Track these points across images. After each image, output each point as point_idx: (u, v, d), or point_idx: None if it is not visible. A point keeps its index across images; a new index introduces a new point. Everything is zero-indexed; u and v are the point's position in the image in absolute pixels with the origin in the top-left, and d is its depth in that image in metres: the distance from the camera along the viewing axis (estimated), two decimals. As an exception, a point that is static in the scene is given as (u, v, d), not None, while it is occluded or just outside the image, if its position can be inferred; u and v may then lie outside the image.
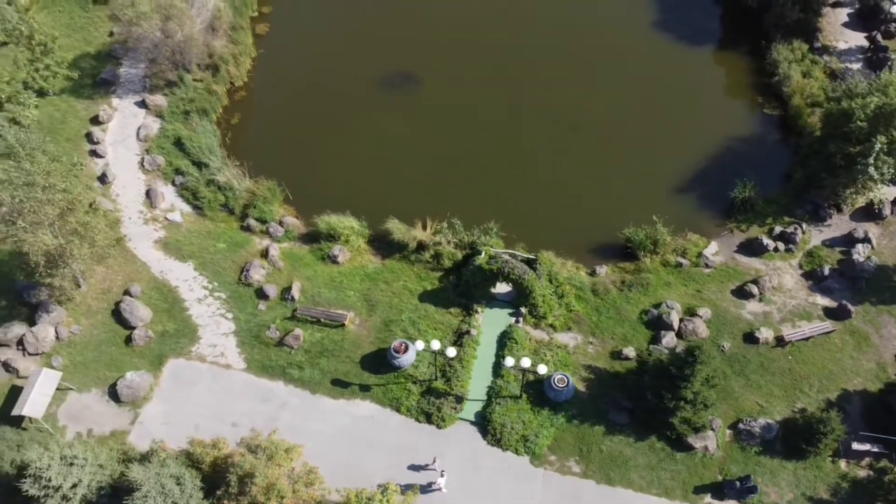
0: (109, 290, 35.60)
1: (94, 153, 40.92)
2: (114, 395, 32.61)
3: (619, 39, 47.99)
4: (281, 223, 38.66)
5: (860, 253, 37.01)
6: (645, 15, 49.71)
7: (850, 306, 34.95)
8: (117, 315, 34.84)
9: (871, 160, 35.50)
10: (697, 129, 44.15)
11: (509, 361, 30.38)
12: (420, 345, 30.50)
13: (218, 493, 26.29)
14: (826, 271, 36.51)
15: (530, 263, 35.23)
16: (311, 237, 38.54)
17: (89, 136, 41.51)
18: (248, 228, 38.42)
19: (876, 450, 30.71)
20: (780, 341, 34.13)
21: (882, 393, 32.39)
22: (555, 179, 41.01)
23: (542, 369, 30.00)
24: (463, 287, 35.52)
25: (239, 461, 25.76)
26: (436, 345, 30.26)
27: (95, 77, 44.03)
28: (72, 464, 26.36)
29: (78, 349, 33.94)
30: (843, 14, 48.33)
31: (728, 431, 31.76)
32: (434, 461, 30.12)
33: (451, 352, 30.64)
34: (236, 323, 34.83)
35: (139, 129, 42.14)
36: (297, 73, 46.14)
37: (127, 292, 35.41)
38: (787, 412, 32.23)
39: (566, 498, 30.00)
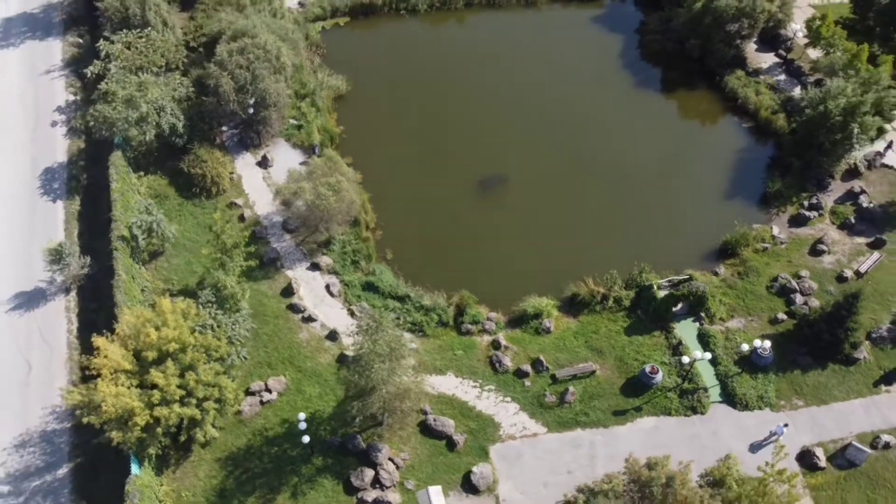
0: (406, 414, 42.92)
1: (307, 320, 47.49)
2: (470, 489, 40.38)
3: (624, 112, 62.32)
4: (489, 319, 48.05)
5: (864, 201, 54.03)
6: (621, 90, 64.69)
7: (882, 237, 51.54)
8: (426, 431, 42.48)
9: (855, 140, 52.67)
10: (706, 151, 59.68)
11: (744, 347, 43.15)
12: (686, 359, 42.08)
13: None
14: (853, 220, 52.99)
15: (688, 281, 47.99)
16: (514, 321, 48.32)
17: (293, 308, 47.95)
18: (467, 332, 47.31)
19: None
20: (858, 275, 49.74)
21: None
22: (637, 220, 53.94)
23: (767, 344, 42.93)
24: (652, 314, 47.37)
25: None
26: (698, 354, 41.97)
27: (261, 258, 50.23)
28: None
29: (417, 468, 41.18)
30: (751, 44, 66.56)
31: (867, 342, 46.42)
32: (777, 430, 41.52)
33: (708, 355, 42.55)
34: (517, 402, 43.88)
35: (327, 287, 49.30)
36: (405, 200, 54.94)
37: (422, 411, 43.05)
38: (890, 317, 47.62)
39: (808, 424, 42.85)
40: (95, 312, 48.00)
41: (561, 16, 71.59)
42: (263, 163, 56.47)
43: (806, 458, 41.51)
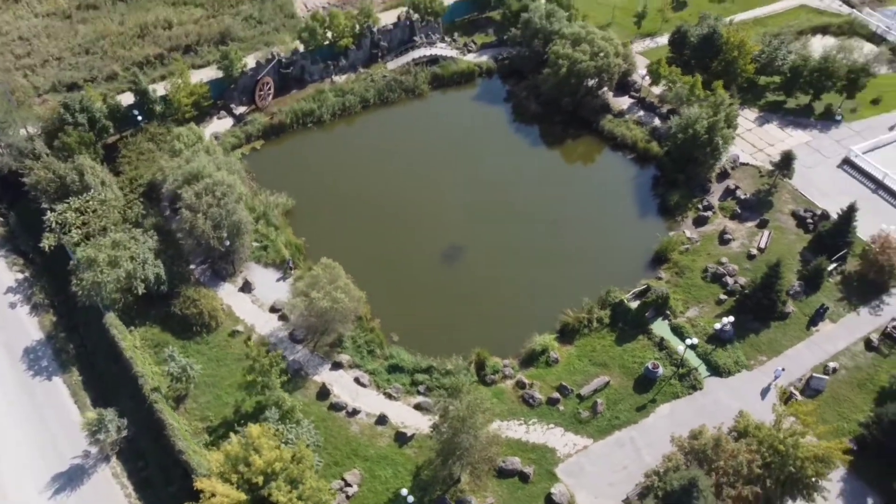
0: (488, 462, 48.00)
1: (351, 414, 51.38)
2: (556, 507, 46.58)
3: (532, 169, 72.89)
4: (505, 365, 54.87)
5: (740, 194, 68.06)
6: (523, 151, 75.65)
7: (764, 218, 65.43)
8: (499, 474, 48.05)
9: (721, 150, 66.76)
10: (608, 184, 71.57)
11: (717, 325, 53.45)
12: (681, 348, 51.63)
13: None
14: (738, 210, 66.61)
15: (648, 291, 58.24)
16: (525, 361, 55.51)
17: (335, 407, 51.64)
18: (492, 382, 53.73)
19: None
20: (761, 251, 62.76)
21: (812, 239, 63.10)
22: (581, 253, 63.67)
23: (731, 319, 53.69)
24: (632, 322, 56.80)
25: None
26: (689, 341, 51.68)
27: (286, 371, 53.44)
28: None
29: (507, 507, 46.67)
30: (609, 92, 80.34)
31: (789, 299, 58.91)
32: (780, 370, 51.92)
33: (696, 340, 52.37)
34: (560, 426, 50.79)
35: (356, 379, 53.61)
36: (386, 287, 60.29)
37: (490, 459, 48.57)
38: (796, 276, 60.72)
39: (774, 370, 53.83)
40: (144, 470, 48.69)
41: (446, 100, 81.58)
42: (246, 288, 59.72)
43: (787, 398, 52.23)
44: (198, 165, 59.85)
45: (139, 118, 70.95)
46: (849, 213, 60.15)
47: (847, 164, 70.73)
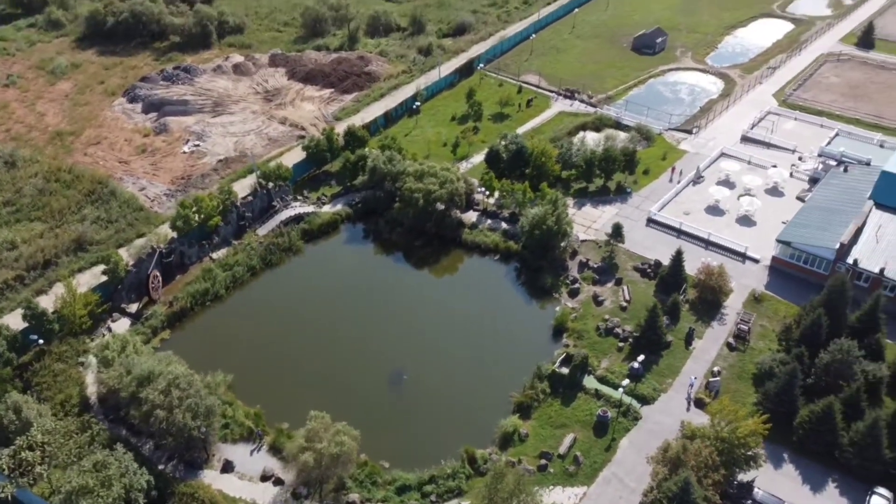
0: None
1: (386, 541, 55.87)
2: (589, 549, 55.17)
3: (423, 292, 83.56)
4: (490, 454, 63.04)
5: (592, 264, 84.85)
6: (408, 278, 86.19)
7: (618, 277, 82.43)
8: (533, 541, 55.69)
9: (568, 236, 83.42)
10: (489, 285, 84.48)
11: (635, 364, 67.12)
12: (620, 390, 64.23)
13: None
14: (597, 277, 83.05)
15: (570, 357, 70.92)
16: (503, 444, 64.23)
17: (369, 541, 55.81)
18: (487, 471, 61.49)
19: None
20: (628, 302, 79.05)
21: (657, 283, 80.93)
22: (494, 345, 75.44)
23: (640, 359, 67.80)
24: (568, 385, 68.58)
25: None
26: (625, 383, 64.52)
27: (307, 521, 56.35)
28: None
29: (552, 564, 54.18)
30: (456, 210, 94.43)
31: (666, 331, 75.08)
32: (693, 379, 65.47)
33: (626, 382, 65.29)
34: (557, 484, 59.93)
35: (375, 511, 58.17)
36: (359, 423, 65.59)
37: (520, 532, 55.93)
38: (660, 312, 77.55)
39: (683, 387, 68.53)
40: None
41: (321, 249, 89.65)
42: (227, 468, 61.41)
43: (699, 404, 66.99)
44: (147, 367, 61.30)
45: (39, 341, 69.31)
46: (678, 257, 78.86)
47: (651, 222, 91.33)
